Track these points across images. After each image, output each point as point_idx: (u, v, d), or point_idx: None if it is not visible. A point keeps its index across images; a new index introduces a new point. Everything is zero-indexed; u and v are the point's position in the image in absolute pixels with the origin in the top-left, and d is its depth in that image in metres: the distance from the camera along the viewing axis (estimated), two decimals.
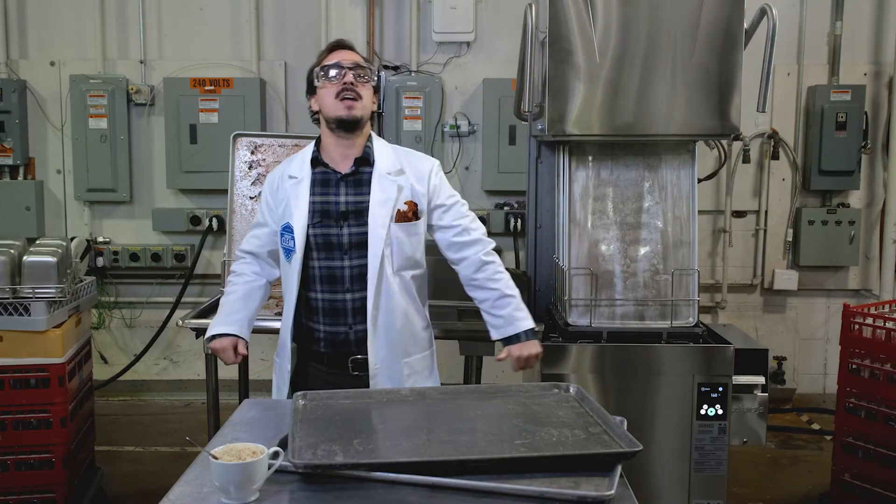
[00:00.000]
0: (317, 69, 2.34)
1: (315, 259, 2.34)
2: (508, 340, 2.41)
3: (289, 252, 2.36)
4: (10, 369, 3.25)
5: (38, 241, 3.51)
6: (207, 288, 5.29)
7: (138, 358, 5.26)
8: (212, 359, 3.27)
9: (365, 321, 2.32)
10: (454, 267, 2.46)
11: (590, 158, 3.07)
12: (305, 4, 5.16)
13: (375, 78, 2.37)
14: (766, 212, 5.25)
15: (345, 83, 2.28)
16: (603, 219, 3.06)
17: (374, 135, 2.44)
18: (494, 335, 2.44)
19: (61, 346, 3.29)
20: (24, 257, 3.26)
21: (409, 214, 2.35)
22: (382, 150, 2.41)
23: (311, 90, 2.39)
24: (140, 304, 5.37)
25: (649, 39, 2.83)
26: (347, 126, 2.32)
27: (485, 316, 2.45)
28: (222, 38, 5.24)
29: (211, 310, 3.41)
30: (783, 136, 5.19)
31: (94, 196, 5.24)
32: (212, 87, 5.05)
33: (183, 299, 5.19)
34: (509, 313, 2.41)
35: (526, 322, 2.42)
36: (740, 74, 2.84)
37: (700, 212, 3.61)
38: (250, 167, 3.33)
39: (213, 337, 2.40)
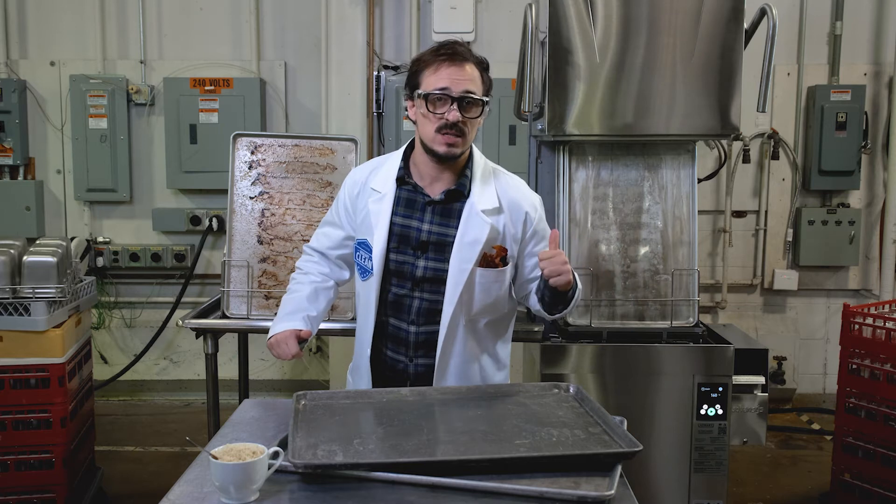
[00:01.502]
0: (420, 92, 2.04)
1: (387, 283, 2.14)
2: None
3: (365, 272, 2.15)
4: (10, 369, 3.25)
5: (38, 241, 3.51)
6: (207, 288, 5.29)
7: (138, 358, 5.26)
8: (212, 359, 3.26)
9: (427, 356, 2.14)
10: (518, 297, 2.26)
11: (590, 158, 3.08)
12: (305, 4, 5.16)
13: (487, 104, 2.09)
14: (766, 212, 5.25)
15: (448, 120, 2.01)
16: (603, 219, 3.06)
17: (476, 155, 2.17)
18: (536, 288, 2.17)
19: (61, 346, 3.29)
20: (24, 257, 3.26)
21: (496, 260, 2.09)
22: (481, 181, 2.13)
23: (411, 94, 2.11)
24: (140, 304, 5.37)
25: (649, 40, 2.84)
26: (443, 161, 2.07)
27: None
28: (222, 38, 5.24)
29: (211, 310, 3.41)
30: (783, 136, 5.19)
31: (94, 196, 5.24)
32: (212, 87, 5.05)
33: (183, 299, 5.19)
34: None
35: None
36: (740, 74, 2.85)
37: (700, 212, 3.62)
38: (250, 167, 3.33)
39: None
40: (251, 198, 3.32)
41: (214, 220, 5.14)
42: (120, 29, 5.24)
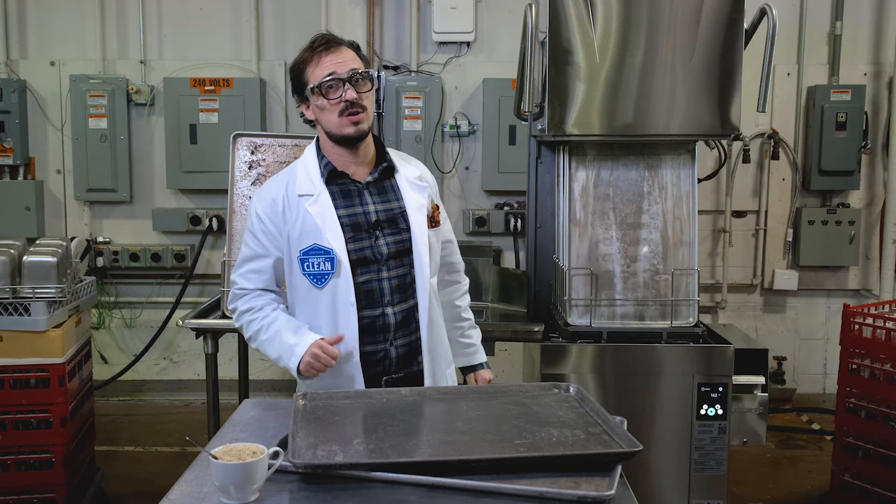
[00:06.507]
0: (311, 86, 2.09)
1: (352, 275, 2.13)
2: (472, 368, 2.46)
3: (324, 277, 2.11)
4: (10, 369, 3.25)
5: (38, 241, 3.51)
6: (207, 288, 5.29)
7: (138, 358, 5.26)
8: (212, 359, 3.27)
9: (406, 335, 2.18)
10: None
11: (590, 158, 3.08)
12: (305, 4, 5.16)
13: (375, 76, 2.21)
14: (766, 212, 5.25)
15: (346, 101, 2.07)
16: (603, 219, 3.06)
17: (380, 139, 2.30)
18: (463, 361, 2.44)
19: (61, 346, 3.29)
20: (24, 257, 3.26)
21: (437, 218, 2.25)
22: (396, 156, 2.27)
23: (302, 96, 2.15)
24: (140, 304, 5.37)
25: (649, 40, 2.84)
26: (355, 141, 2.14)
27: (452, 343, 2.39)
28: (222, 38, 5.24)
29: (211, 310, 3.41)
30: (783, 136, 5.19)
31: (94, 196, 5.24)
32: (212, 87, 5.05)
33: (183, 299, 5.19)
34: (478, 343, 2.48)
35: (484, 355, 2.51)
36: (740, 74, 2.85)
37: (700, 212, 3.62)
38: (250, 167, 3.33)
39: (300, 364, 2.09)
40: (251, 198, 3.31)
41: (214, 220, 5.14)
42: (120, 29, 5.24)
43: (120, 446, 4.58)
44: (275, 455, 1.53)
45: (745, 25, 2.87)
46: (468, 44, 5.14)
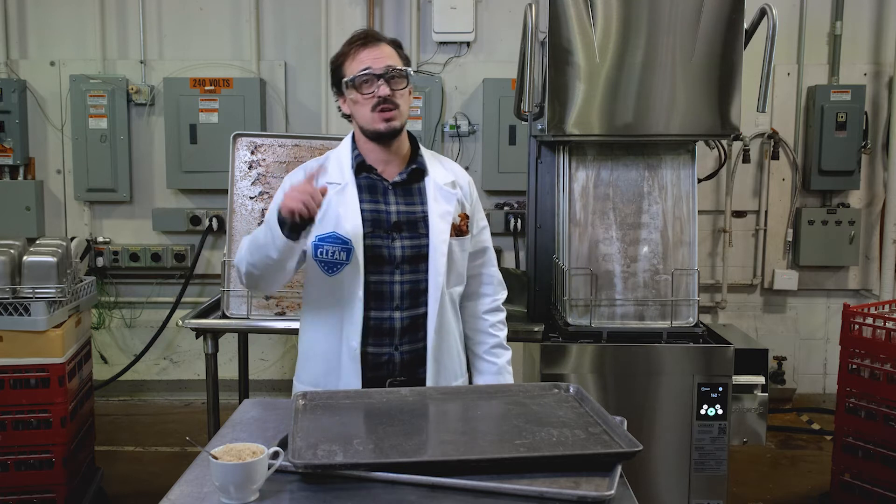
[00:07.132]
0: (346, 80, 2.09)
1: (365, 272, 2.11)
2: None
3: (336, 266, 2.11)
4: (10, 369, 3.25)
5: (38, 241, 3.51)
6: (207, 288, 5.29)
7: (138, 358, 5.26)
8: (212, 359, 3.27)
9: (412, 342, 2.15)
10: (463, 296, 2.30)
11: (590, 158, 3.08)
12: (305, 4, 5.17)
13: (412, 74, 2.13)
14: (766, 212, 5.25)
15: (379, 97, 2.06)
16: (603, 219, 3.06)
17: (416, 139, 2.26)
18: (485, 380, 2.29)
19: (61, 346, 3.29)
20: (24, 257, 3.26)
21: (463, 228, 2.20)
22: (431, 161, 2.23)
23: (339, 90, 2.15)
24: (140, 304, 5.37)
25: (649, 40, 2.84)
26: (386, 139, 2.13)
27: (476, 359, 2.32)
28: (222, 38, 5.24)
29: (211, 310, 3.41)
30: (783, 136, 5.19)
31: (94, 196, 5.24)
32: (212, 87, 5.05)
33: (183, 299, 5.19)
34: (503, 364, 2.32)
35: (512, 378, 2.33)
36: (740, 74, 2.85)
37: (700, 212, 3.62)
38: (250, 167, 3.34)
39: (281, 216, 1.93)
40: (251, 198, 3.32)
41: (214, 220, 5.14)
42: (120, 29, 5.24)
43: (120, 446, 4.58)
44: (275, 455, 1.53)
45: (745, 25, 2.87)
46: (468, 44, 5.14)
